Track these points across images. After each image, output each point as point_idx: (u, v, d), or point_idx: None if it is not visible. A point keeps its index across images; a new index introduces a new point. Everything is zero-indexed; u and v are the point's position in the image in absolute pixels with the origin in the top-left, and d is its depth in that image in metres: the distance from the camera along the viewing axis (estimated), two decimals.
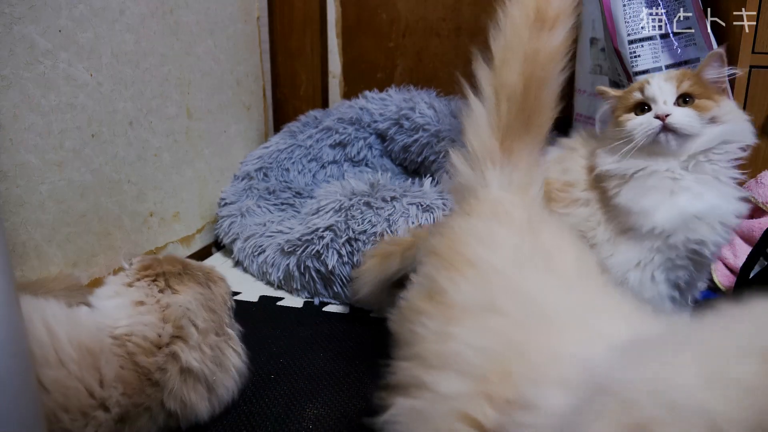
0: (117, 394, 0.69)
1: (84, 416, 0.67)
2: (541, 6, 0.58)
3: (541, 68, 0.58)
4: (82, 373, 0.67)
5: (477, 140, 0.62)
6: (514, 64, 0.58)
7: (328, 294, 1.23)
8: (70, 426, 0.66)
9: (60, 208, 1.02)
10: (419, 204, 1.19)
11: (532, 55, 0.58)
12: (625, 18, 1.02)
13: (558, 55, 0.59)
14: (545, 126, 0.63)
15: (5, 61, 0.89)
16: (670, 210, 0.82)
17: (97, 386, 0.68)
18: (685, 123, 0.82)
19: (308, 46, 1.77)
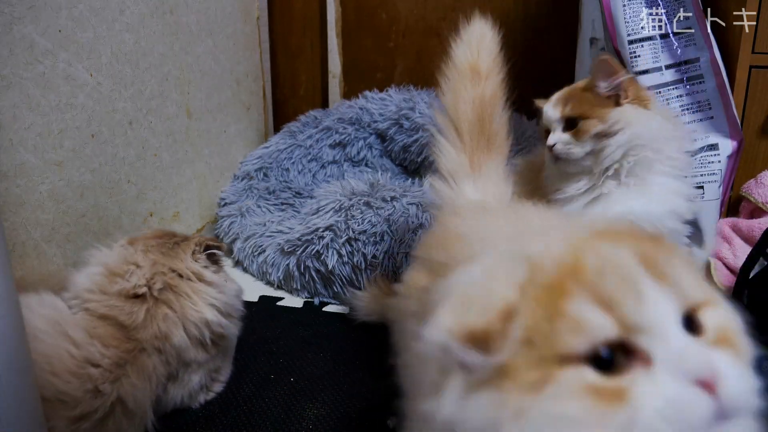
0: (98, 348, 0.74)
1: (75, 376, 0.71)
2: (474, 66, 0.73)
3: (486, 107, 0.70)
4: (55, 340, 0.72)
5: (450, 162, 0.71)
6: (466, 105, 0.69)
7: (328, 294, 1.23)
8: (66, 387, 0.69)
9: (60, 207, 1.02)
10: (419, 204, 1.19)
11: (477, 98, 0.70)
12: (625, 18, 1.02)
13: (496, 97, 0.71)
14: (504, 146, 0.73)
15: (5, 61, 0.89)
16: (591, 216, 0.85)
17: (73, 348, 0.73)
18: (563, 151, 0.85)
19: (308, 46, 1.77)
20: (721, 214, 1.07)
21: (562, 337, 0.31)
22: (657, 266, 0.32)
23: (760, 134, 1.13)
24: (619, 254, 0.32)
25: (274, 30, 1.77)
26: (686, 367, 0.30)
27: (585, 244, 0.34)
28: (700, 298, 0.34)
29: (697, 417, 0.29)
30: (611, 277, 0.31)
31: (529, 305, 0.32)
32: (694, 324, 0.33)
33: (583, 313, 0.31)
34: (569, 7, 1.48)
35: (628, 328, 0.31)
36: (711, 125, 1.02)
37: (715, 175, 1.02)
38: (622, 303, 0.31)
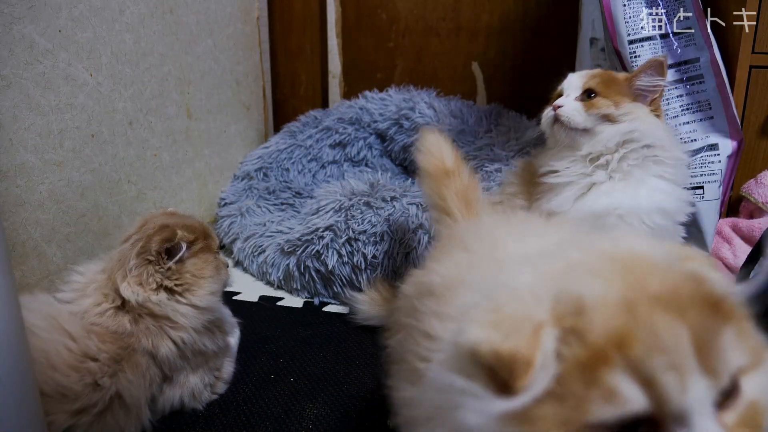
0: (95, 342, 0.74)
1: (75, 369, 0.71)
2: (443, 168, 0.82)
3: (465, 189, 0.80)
4: (52, 335, 0.72)
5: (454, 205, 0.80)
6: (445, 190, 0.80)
7: (328, 294, 1.23)
8: (66, 381, 0.69)
9: (60, 207, 1.02)
10: (419, 204, 1.19)
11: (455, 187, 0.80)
12: (625, 18, 1.02)
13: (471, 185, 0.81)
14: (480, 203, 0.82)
15: (5, 61, 0.89)
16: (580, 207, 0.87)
17: (70, 342, 0.72)
18: (567, 115, 0.85)
19: (308, 46, 1.77)
20: (721, 214, 1.07)
21: (593, 406, 0.30)
22: (709, 350, 0.31)
23: (760, 134, 1.13)
24: (674, 333, 0.31)
25: (274, 30, 1.77)
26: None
27: (643, 307, 0.31)
28: (745, 363, 0.32)
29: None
30: (660, 359, 0.30)
31: (569, 359, 0.31)
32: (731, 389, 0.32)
33: (621, 387, 0.30)
34: (569, 7, 1.48)
35: (662, 408, 0.30)
36: (711, 125, 1.02)
37: (715, 175, 1.02)
38: (664, 386, 0.30)
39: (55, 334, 0.72)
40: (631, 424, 0.30)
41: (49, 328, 0.73)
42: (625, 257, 0.35)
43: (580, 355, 0.30)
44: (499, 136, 1.46)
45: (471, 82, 1.76)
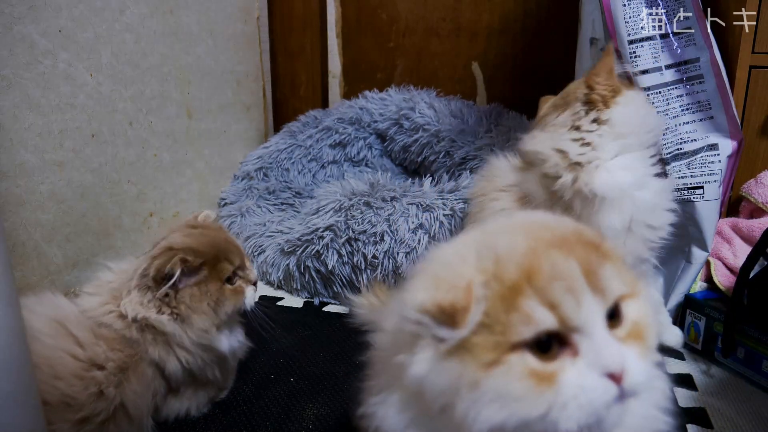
0: (103, 349, 0.72)
1: (80, 378, 0.69)
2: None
3: None
4: (57, 342, 0.70)
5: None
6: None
7: (328, 294, 1.23)
8: (70, 390, 0.68)
9: (60, 208, 1.02)
10: (419, 204, 1.19)
11: None
12: (625, 18, 1.02)
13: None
14: None
15: (5, 61, 0.89)
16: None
17: (77, 349, 0.71)
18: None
19: (308, 46, 1.77)
20: (721, 214, 1.07)
21: (515, 328, 0.38)
22: (595, 276, 0.40)
23: (760, 134, 1.13)
24: (567, 265, 0.39)
25: (274, 30, 1.77)
26: (602, 362, 0.38)
27: (542, 251, 0.40)
28: (625, 291, 0.41)
29: (602, 402, 0.38)
30: (558, 285, 0.39)
31: (492, 297, 0.39)
32: (616, 313, 0.41)
33: (533, 311, 0.38)
34: (569, 7, 1.48)
35: (565, 324, 0.39)
36: (711, 125, 1.02)
37: (715, 175, 1.01)
38: (564, 306, 0.38)
39: (61, 340, 0.71)
40: (545, 340, 0.38)
41: (55, 334, 0.71)
42: (524, 222, 0.47)
43: (501, 292, 0.39)
44: (499, 136, 1.46)
45: (471, 82, 1.76)
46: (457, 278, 0.40)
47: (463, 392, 0.38)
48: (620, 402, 0.38)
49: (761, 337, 0.90)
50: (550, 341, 0.39)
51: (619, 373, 0.38)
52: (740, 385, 0.92)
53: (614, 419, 0.39)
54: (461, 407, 0.38)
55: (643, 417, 0.43)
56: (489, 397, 0.38)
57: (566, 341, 0.39)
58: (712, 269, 1.07)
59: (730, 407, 0.87)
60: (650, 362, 0.41)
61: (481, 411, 0.38)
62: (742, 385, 0.92)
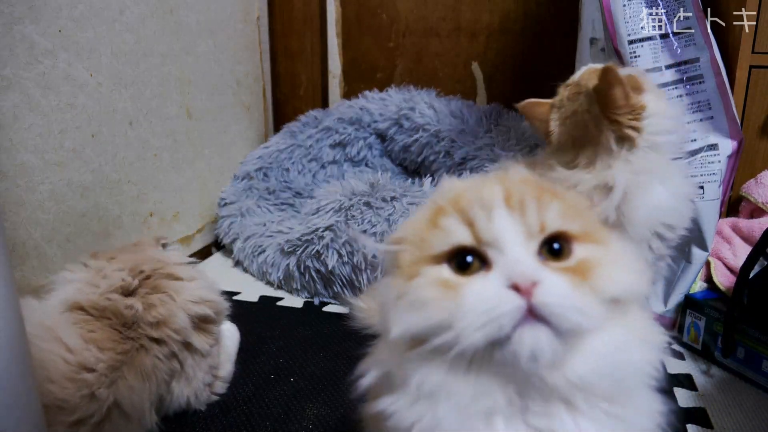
0: (93, 353, 0.73)
1: (72, 381, 0.70)
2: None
3: None
4: (49, 346, 0.71)
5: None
6: None
7: (328, 294, 1.23)
8: (63, 394, 0.68)
9: (60, 208, 1.02)
10: (419, 204, 1.19)
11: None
12: (625, 18, 1.02)
13: None
14: None
15: (5, 61, 0.89)
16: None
17: (67, 354, 0.71)
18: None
19: (308, 46, 1.77)
20: (721, 214, 1.07)
21: (433, 242, 0.41)
22: (517, 200, 0.40)
23: (760, 134, 1.13)
24: (489, 191, 0.41)
25: (274, 30, 1.77)
26: (508, 274, 0.38)
27: (472, 185, 0.43)
28: (574, 230, 0.41)
29: (503, 311, 0.36)
30: (476, 205, 0.40)
31: (423, 221, 0.43)
32: (562, 249, 0.40)
33: (449, 226, 0.41)
34: (569, 7, 1.48)
35: (480, 240, 0.40)
36: (711, 125, 1.02)
37: (715, 175, 1.01)
38: (477, 221, 0.40)
39: (52, 344, 0.71)
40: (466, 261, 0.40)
41: (47, 339, 0.71)
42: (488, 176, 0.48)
43: (429, 216, 0.43)
44: (500, 136, 1.46)
45: (471, 82, 1.76)
46: (411, 218, 0.46)
47: (392, 303, 0.41)
48: (533, 322, 0.36)
49: (761, 337, 0.90)
50: (472, 261, 0.40)
51: (524, 285, 0.36)
52: (740, 385, 0.92)
53: (531, 344, 0.36)
54: (390, 317, 0.41)
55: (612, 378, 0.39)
56: (406, 303, 0.40)
57: (485, 259, 0.40)
58: (712, 269, 1.07)
59: (730, 407, 0.87)
60: (590, 300, 0.38)
61: (400, 317, 0.40)
62: (742, 385, 0.92)
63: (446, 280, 0.39)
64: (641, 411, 0.40)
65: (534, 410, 0.39)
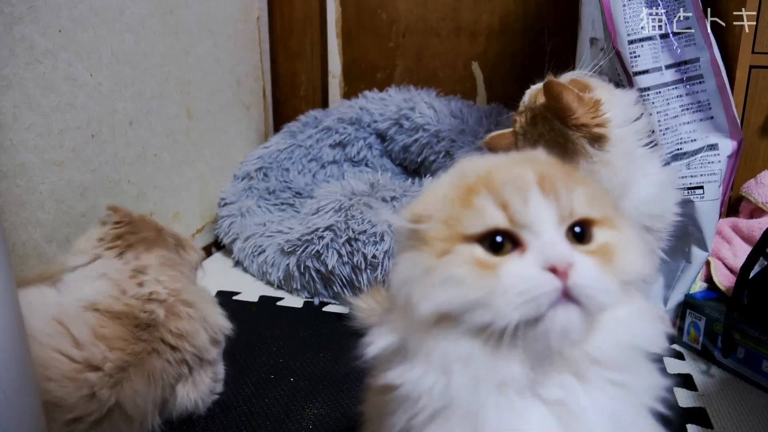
0: (101, 350, 0.72)
1: (72, 381, 0.69)
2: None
3: None
4: (53, 342, 0.70)
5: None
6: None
7: (328, 294, 1.23)
8: (61, 392, 0.68)
9: (60, 207, 1.02)
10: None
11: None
12: (625, 18, 1.02)
13: None
14: None
15: (5, 61, 0.89)
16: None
17: (73, 349, 0.71)
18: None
19: (308, 46, 1.77)
20: (721, 214, 1.07)
21: (466, 221, 0.41)
22: (550, 184, 0.41)
23: (760, 134, 1.13)
24: (522, 172, 0.42)
25: (274, 30, 1.77)
26: (544, 256, 0.39)
27: (502, 165, 0.44)
28: (595, 215, 0.42)
29: (542, 292, 0.38)
30: (510, 187, 0.41)
31: (452, 199, 0.43)
32: (585, 234, 0.42)
33: (484, 207, 0.41)
34: (569, 7, 1.48)
35: (514, 223, 0.40)
36: (711, 125, 1.02)
37: (715, 175, 1.01)
38: (512, 205, 0.40)
39: (58, 339, 0.71)
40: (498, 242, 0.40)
41: (53, 333, 0.71)
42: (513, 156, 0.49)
43: (459, 194, 0.42)
44: None
45: (471, 82, 1.76)
46: (431, 193, 0.46)
47: (419, 278, 0.41)
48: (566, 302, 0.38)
49: (761, 337, 0.90)
50: (503, 243, 0.41)
51: (561, 267, 0.38)
52: (740, 385, 0.92)
53: (564, 322, 0.38)
54: (416, 292, 0.41)
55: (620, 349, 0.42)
56: (437, 280, 0.40)
57: (519, 243, 0.41)
58: (712, 269, 1.07)
59: (730, 407, 0.87)
60: (613, 281, 0.40)
61: (430, 293, 0.40)
62: (742, 385, 0.92)
63: (482, 260, 0.40)
64: (645, 380, 0.43)
65: (545, 382, 0.40)
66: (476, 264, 0.40)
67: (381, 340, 0.44)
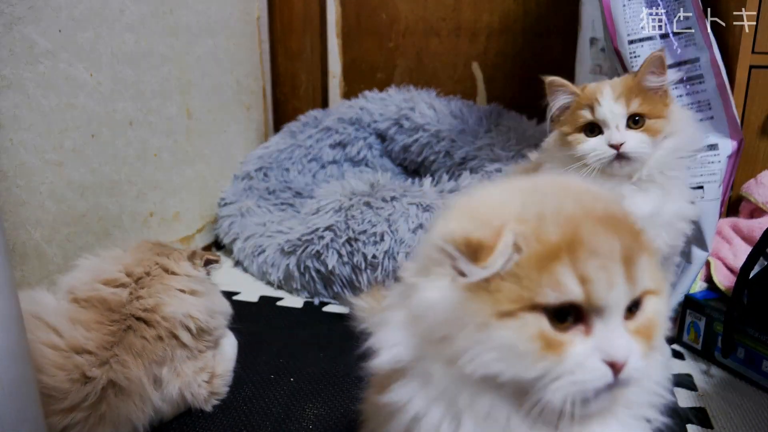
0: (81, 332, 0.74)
1: (61, 368, 0.70)
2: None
3: None
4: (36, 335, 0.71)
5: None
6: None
7: (328, 294, 1.23)
8: (53, 381, 0.69)
9: (60, 208, 1.02)
10: (419, 204, 1.19)
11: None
12: (625, 18, 1.02)
13: None
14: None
15: (5, 61, 0.89)
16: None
17: (55, 337, 0.73)
18: (639, 150, 0.82)
19: (308, 46, 1.77)
20: (721, 214, 1.07)
21: (542, 289, 0.38)
22: (632, 263, 0.39)
23: (760, 134, 1.13)
24: (609, 245, 0.39)
25: (275, 30, 1.77)
26: (609, 349, 0.38)
27: (589, 223, 0.40)
28: (651, 287, 0.41)
29: (596, 385, 0.38)
30: (597, 261, 0.38)
31: (528, 252, 0.38)
32: (636, 305, 0.41)
33: (565, 279, 0.38)
34: (569, 7, 1.48)
35: (590, 302, 0.38)
36: (711, 125, 1.02)
37: (715, 175, 1.01)
38: (596, 284, 0.38)
39: (39, 332, 0.72)
40: (564, 310, 0.38)
41: (33, 329, 0.72)
42: (576, 187, 0.46)
43: (538, 251, 0.38)
44: (500, 136, 1.46)
45: (471, 82, 1.76)
46: (493, 218, 0.40)
47: (470, 330, 0.38)
48: (610, 390, 0.39)
49: (761, 337, 0.90)
50: (569, 312, 0.39)
51: (621, 363, 0.38)
52: (740, 385, 0.92)
53: (599, 406, 0.40)
54: (462, 344, 0.39)
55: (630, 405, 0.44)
56: (494, 344, 0.38)
57: (582, 318, 0.39)
58: (712, 269, 1.07)
59: (730, 407, 0.87)
60: (649, 361, 0.41)
61: (482, 355, 0.38)
62: (742, 385, 0.92)
63: (547, 336, 0.38)
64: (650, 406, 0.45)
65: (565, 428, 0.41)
66: (542, 340, 0.38)
67: (390, 352, 0.43)
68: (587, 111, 0.84)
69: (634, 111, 0.83)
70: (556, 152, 0.89)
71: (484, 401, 0.40)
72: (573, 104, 0.87)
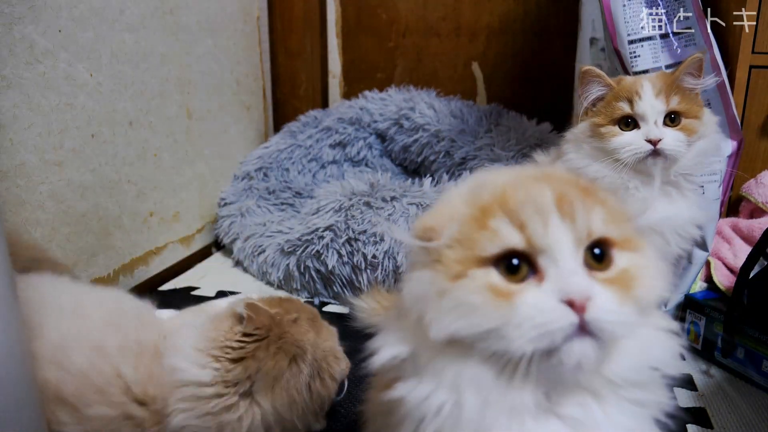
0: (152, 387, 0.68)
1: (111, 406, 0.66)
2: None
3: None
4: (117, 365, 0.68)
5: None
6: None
7: (328, 294, 1.23)
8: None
9: (60, 207, 1.02)
10: (419, 204, 1.19)
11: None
12: (625, 18, 1.02)
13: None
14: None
15: (5, 61, 0.89)
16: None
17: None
18: (676, 148, 0.81)
19: (308, 46, 1.77)
20: (721, 214, 1.07)
21: (481, 243, 0.40)
22: (570, 205, 0.40)
23: (760, 134, 1.13)
24: (540, 193, 0.40)
25: (274, 30, 1.77)
26: (562, 287, 0.38)
27: (519, 183, 0.42)
28: (615, 236, 0.41)
29: (558, 326, 0.37)
30: (528, 207, 0.39)
31: (467, 218, 0.41)
32: (604, 256, 0.41)
33: (500, 228, 0.39)
34: (569, 7, 1.48)
35: (532, 246, 0.39)
36: None
37: (715, 175, 1.01)
38: (531, 226, 0.39)
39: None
40: (514, 264, 0.39)
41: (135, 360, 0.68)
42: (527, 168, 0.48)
43: (474, 213, 0.41)
44: (500, 136, 1.46)
45: (471, 82, 1.76)
46: (444, 208, 0.44)
47: (432, 300, 0.40)
48: (582, 336, 0.37)
49: (761, 337, 0.90)
50: (519, 265, 0.39)
51: (579, 301, 0.37)
52: (740, 385, 0.92)
53: (579, 356, 0.38)
54: (429, 315, 0.40)
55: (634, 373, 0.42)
56: (451, 305, 0.39)
57: (536, 268, 0.39)
58: (712, 269, 1.07)
59: (730, 407, 0.87)
60: (632, 311, 0.39)
61: (443, 318, 0.39)
62: (742, 385, 0.92)
63: (497, 287, 0.39)
64: (657, 396, 0.43)
65: (561, 402, 0.41)
66: (491, 291, 0.38)
67: (389, 350, 0.43)
68: (626, 104, 0.83)
69: (673, 108, 0.82)
70: (584, 143, 0.88)
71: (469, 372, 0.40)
72: (608, 96, 0.86)
